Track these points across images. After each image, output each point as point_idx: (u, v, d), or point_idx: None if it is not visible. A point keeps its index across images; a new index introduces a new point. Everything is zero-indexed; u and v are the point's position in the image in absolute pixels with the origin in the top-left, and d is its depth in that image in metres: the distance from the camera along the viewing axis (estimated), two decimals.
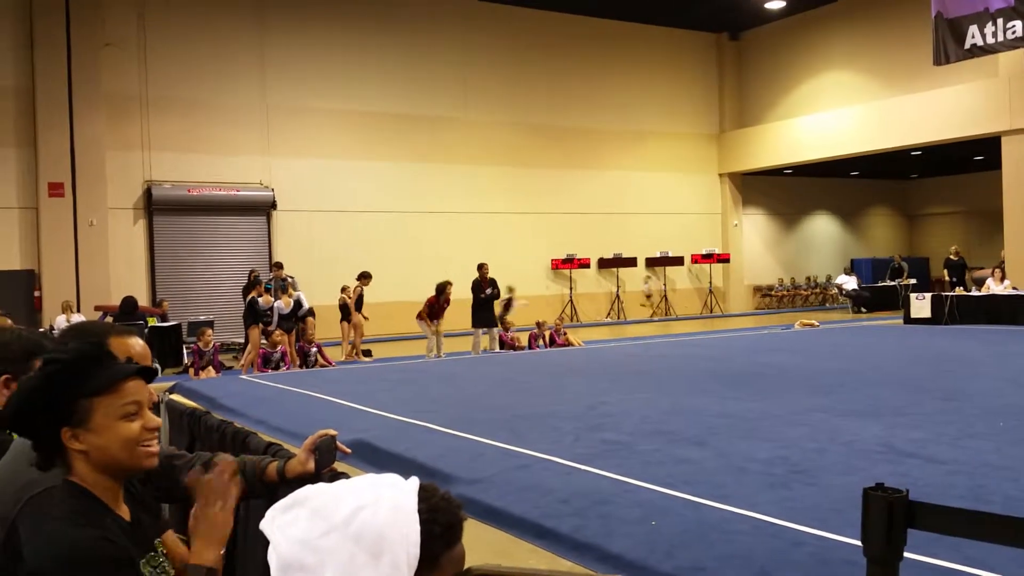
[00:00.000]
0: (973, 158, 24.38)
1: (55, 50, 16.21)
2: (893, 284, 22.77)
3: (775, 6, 22.31)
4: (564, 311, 20.73)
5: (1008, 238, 17.94)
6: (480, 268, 14.04)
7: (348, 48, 19.31)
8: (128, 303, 14.45)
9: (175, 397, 6.82)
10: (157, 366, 1.82)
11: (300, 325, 13.08)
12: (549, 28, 21.78)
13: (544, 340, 14.03)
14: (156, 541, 1.73)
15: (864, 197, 29.41)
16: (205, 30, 17.87)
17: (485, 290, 13.73)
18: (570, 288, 22.02)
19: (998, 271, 16.03)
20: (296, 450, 2.55)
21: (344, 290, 14.55)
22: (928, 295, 15.60)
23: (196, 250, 17.76)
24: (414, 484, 1.18)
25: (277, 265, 14.78)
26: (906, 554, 1.19)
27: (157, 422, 1.69)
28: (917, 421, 5.33)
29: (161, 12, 17.43)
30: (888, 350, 10.57)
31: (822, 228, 28.53)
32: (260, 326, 12.82)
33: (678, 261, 23.44)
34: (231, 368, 13.02)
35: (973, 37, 15.39)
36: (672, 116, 23.88)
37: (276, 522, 1.14)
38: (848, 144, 20.94)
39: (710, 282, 24.37)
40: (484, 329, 13.74)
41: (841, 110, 21.35)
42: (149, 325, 13.72)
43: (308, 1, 18.93)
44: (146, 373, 1.68)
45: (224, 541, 1.70)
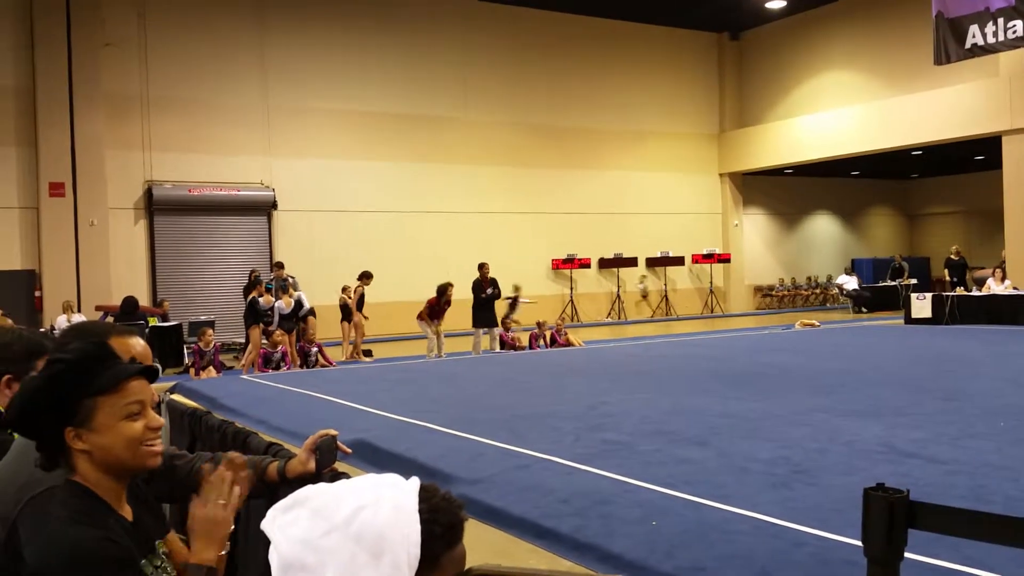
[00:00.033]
0: (974, 158, 24.38)
1: (56, 50, 16.22)
2: (894, 284, 22.76)
3: (775, 6, 22.30)
4: (564, 311, 20.73)
5: (1009, 238, 17.93)
6: (481, 268, 14.01)
7: (348, 48, 19.32)
8: (129, 303, 14.45)
9: (176, 397, 6.83)
10: (158, 366, 1.82)
11: (301, 325, 13.09)
12: (549, 28, 21.77)
13: (545, 340, 14.03)
14: (158, 542, 1.73)
15: (865, 197, 29.41)
16: (205, 30, 17.88)
17: (486, 290, 13.70)
18: (570, 288, 22.02)
19: (999, 271, 16.02)
20: (297, 450, 2.55)
21: (345, 290, 14.54)
22: (929, 295, 15.60)
23: (197, 250, 17.76)
24: (415, 484, 1.18)
25: (278, 265, 14.79)
26: (907, 554, 1.19)
27: (160, 422, 1.69)
28: (918, 421, 5.33)
29: (161, 12, 17.44)
30: (889, 350, 10.57)
31: (823, 228, 28.53)
32: (261, 326, 12.83)
33: (679, 261, 23.44)
34: (232, 368, 13.02)
35: (974, 37, 15.39)
36: (673, 116, 23.88)
37: (277, 522, 1.15)
38: (849, 144, 20.94)
39: (711, 282, 24.36)
40: (485, 329, 13.73)
41: (842, 110, 21.34)
42: (150, 325, 13.72)
43: (308, 1, 18.94)
44: (149, 373, 1.68)
45: (223, 540, 1.69)
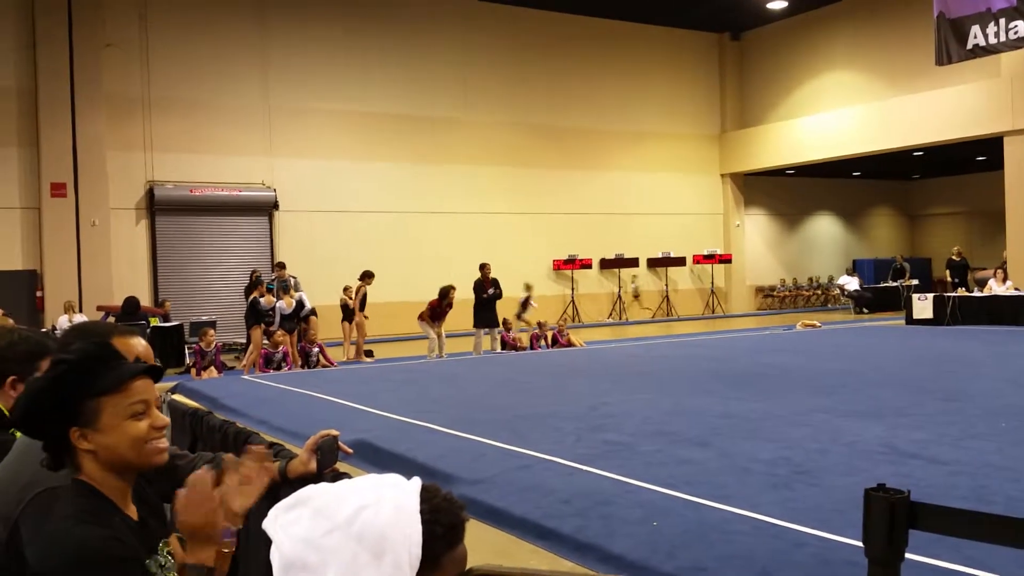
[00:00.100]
0: (975, 158, 24.37)
1: (57, 51, 16.23)
2: (895, 285, 22.75)
3: (777, 6, 22.29)
4: (566, 312, 20.73)
5: (1010, 238, 17.91)
6: (482, 268, 13.99)
7: (349, 49, 19.33)
8: (130, 303, 14.46)
9: (177, 397, 6.84)
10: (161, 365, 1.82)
11: (302, 325, 13.10)
12: (550, 28, 21.77)
13: (546, 341, 14.03)
14: (162, 542, 1.73)
15: (866, 197, 29.40)
16: (206, 31, 17.89)
17: (487, 290, 13.68)
18: (572, 289, 22.02)
19: (1000, 272, 16.01)
20: (298, 450, 2.55)
21: (346, 290, 14.54)
22: (930, 296, 15.59)
23: (198, 250, 17.77)
24: (416, 484, 1.18)
25: (279, 265, 14.81)
26: (907, 555, 1.20)
27: (165, 421, 1.69)
28: (919, 422, 5.33)
29: (163, 13, 17.45)
30: (890, 351, 10.57)
31: (824, 228, 28.52)
32: (262, 326, 12.84)
33: (680, 262, 23.43)
34: (233, 368, 13.02)
35: (975, 37, 15.39)
36: (673, 116, 23.87)
37: (279, 521, 1.15)
38: (850, 144, 20.93)
39: (712, 283, 24.35)
40: (486, 329, 13.72)
41: (843, 110, 21.34)
42: (151, 325, 13.72)
43: (309, 2, 18.95)
44: (153, 372, 1.69)
45: (211, 537, 1.63)
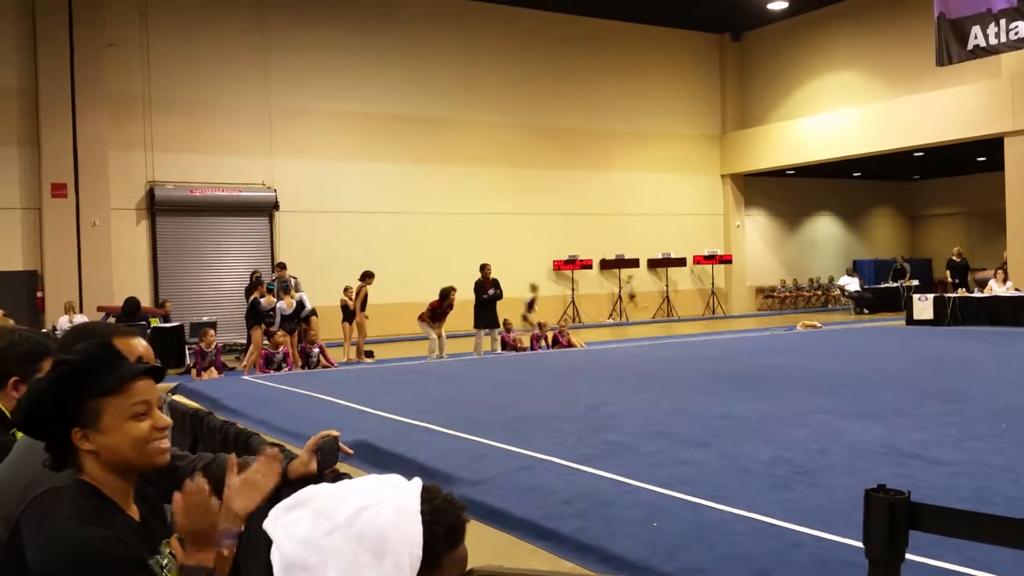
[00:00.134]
0: (976, 159, 24.36)
1: (58, 50, 16.23)
2: (895, 285, 22.75)
3: (777, 7, 22.30)
4: (566, 312, 20.74)
5: (1011, 239, 17.91)
6: (483, 269, 13.99)
7: (350, 50, 19.33)
8: (131, 304, 14.46)
9: (177, 398, 6.84)
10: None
11: (302, 326, 13.10)
12: (550, 29, 21.77)
13: (546, 341, 14.03)
14: (164, 543, 1.73)
15: (867, 198, 29.40)
16: (207, 31, 17.89)
17: (487, 291, 13.67)
18: (572, 289, 22.02)
19: (1000, 272, 16.01)
20: (298, 451, 2.55)
21: (346, 291, 14.54)
22: (930, 296, 15.58)
23: (199, 251, 17.77)
24: (417, 485, 1.18)
25: (280, 266, 14.81)
26: (908, 556, 1.19)
27: (167, 421, 1.69)
28: (919, 422, 5.33)
29: (163, 12, 17.45)
30: (890, 351, 10.56)
31: (824, 229, 28.51)
32: (262, 327, 12.84)
33: (680, 262, 23.43)
34: (233, 369, 13.02)
35: (976, 38, 15.39)
36: (674, 117, 23.87)
37: (279, 522, 1.15)
38: (851, 145, 20.93)
39: (712, 283, 24.35)
40: (486, 330, 13.71)
41: (843, 111, 21.34)
42: (152, 326, 13.72)
43: (310, 2, 18.96)
44: (154, 373, 1.69)
45: (210, 539, 1.63)
